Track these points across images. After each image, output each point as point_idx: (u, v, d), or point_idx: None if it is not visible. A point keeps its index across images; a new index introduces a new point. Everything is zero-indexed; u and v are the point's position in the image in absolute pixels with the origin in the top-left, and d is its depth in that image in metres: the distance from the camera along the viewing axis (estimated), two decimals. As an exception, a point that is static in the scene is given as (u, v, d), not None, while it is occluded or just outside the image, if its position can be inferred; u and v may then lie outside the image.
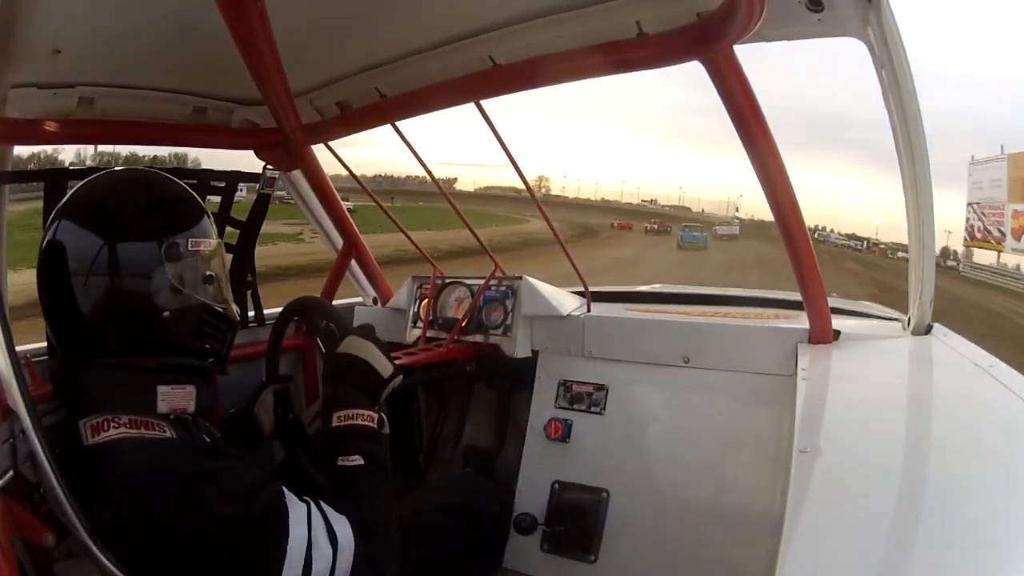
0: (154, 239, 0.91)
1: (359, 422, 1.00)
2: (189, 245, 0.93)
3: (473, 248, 1.72)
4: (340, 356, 1.07)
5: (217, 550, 0.81)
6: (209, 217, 1.00)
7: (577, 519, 1.46)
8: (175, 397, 0.91)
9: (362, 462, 0.96)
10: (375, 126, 1.55)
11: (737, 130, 1.09)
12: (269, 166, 1.70)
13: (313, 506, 0.89)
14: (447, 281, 1.80)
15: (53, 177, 1.29)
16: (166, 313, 0.91)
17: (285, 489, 0.89)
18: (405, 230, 2.00)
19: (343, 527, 0.88)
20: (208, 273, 0.96)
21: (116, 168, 1.04)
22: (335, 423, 1.00)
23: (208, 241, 0.97)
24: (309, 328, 1.43)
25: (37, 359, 1.18)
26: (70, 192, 0.98)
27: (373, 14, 1.21)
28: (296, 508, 0.87)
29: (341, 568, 0.86)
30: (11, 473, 0.80)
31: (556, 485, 1.51)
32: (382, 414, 1.05)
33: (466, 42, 1.26)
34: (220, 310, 0.99)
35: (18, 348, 0.82)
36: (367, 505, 0.94)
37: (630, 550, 1.41)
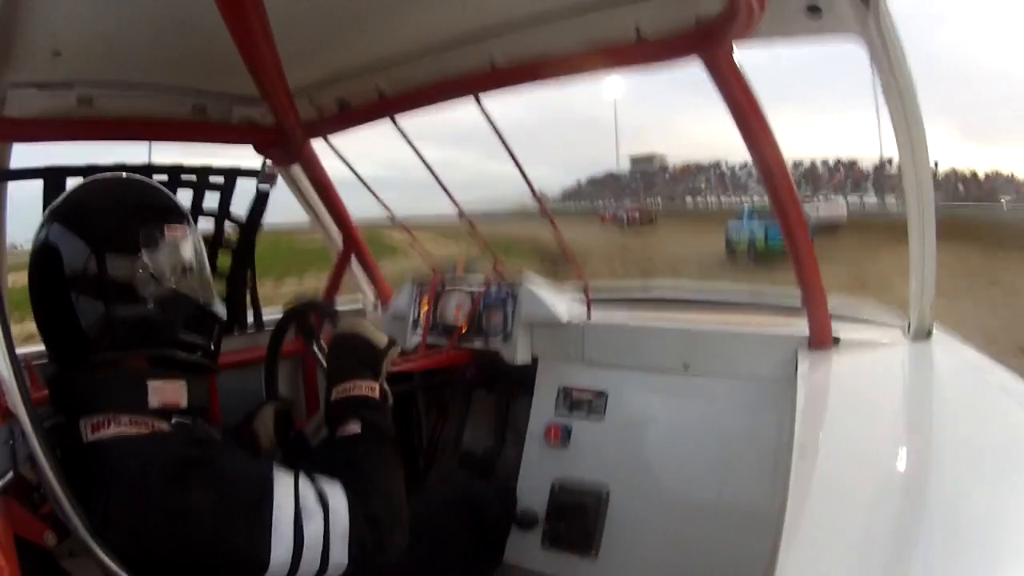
0: (136, 237, 0.92)
1: (357, 393, 1.01)
2: (166, 233, 0.95)
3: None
4: (336, 337, 1.10)
5: (200, 536, 0.80)
6: (191, 223, 1.01)
7: (578, 516, 1.46)
8: (165, 391, 0.91)
9: (359, 430, 0.97)
10: (374, 120, 1.55)
11: (739, 129, 1.09)
12: (269, 161, 1.69)
13: (302, 475, 0.89)
14: (447, 287, 1.79)
15: (52, 175, 1.29)
16: (150, 305, 0.92)
17: (276, 464, 0.90)
18: (409, 230, 2.00)
19: (335, 490, 0.88)
20: (188, 261, 0.97)
21: (108, 174, 1.04)
22: (334, 396, 1.02)
23: (185, 230, 0.98)
24: (300, 328, 1.39)
25: (37, 362, 1.18)
26: (65, 193, 0.98)
27: (373, 12, 1.20)
28: (283, 480, 0.87)
29: (336, 531, 0.86)
30: (11, 474, 0.80)
31: (556, 484, 1.51)
32: (384, 386, 1.06)
33: (467, 44, 1.26)
34: (203, 303, 0.99)
35: (18, 350, 0.82)
36: (364, 470, 0.94)
37: (630, 547, 1.41)
